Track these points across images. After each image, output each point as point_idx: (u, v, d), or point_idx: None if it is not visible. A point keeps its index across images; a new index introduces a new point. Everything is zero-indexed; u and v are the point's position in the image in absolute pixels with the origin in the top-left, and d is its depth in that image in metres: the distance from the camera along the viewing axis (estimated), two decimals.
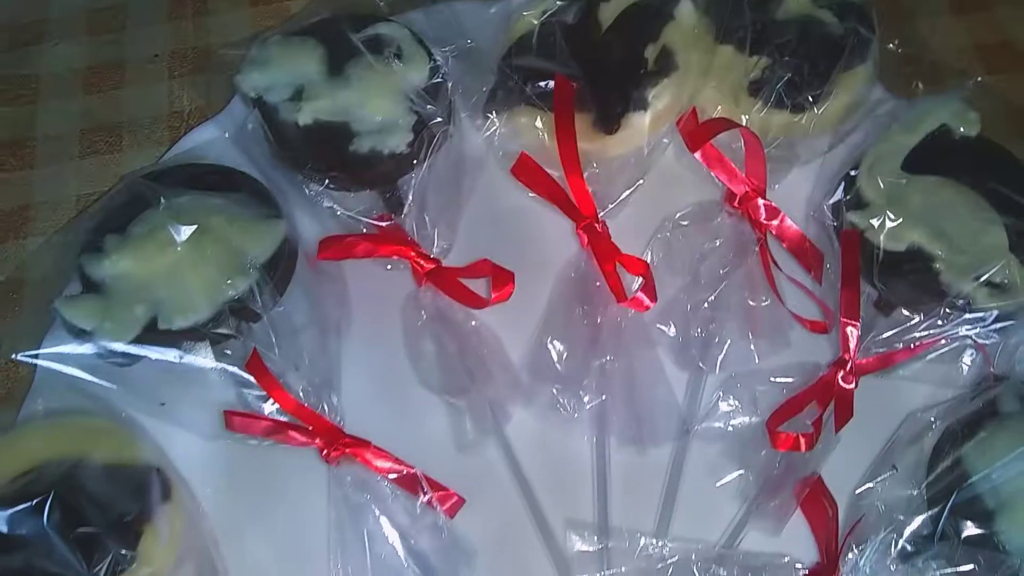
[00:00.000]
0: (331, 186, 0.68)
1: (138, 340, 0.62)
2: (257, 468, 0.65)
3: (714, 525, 0.62)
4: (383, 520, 0.60)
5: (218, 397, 0.63)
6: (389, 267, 0.69)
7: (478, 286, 0.67)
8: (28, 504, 0.55)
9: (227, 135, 0.73)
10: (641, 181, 0.68)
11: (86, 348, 0.63)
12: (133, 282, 0.63)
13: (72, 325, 0.63)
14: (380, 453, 0.61)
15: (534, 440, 0.64)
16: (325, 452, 0.61)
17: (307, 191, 0.69)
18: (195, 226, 0.63)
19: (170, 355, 0.62)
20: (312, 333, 0.65)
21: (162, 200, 0.64)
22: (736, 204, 0.68)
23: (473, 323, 0.66)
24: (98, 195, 0.78)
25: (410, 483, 0.61)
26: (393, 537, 0.60)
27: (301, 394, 0.62)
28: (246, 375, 0.62)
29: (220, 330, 0.62)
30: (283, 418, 0.62)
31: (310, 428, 0.61)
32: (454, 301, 0.66)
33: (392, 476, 0.61)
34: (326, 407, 0.62)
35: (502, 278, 0.64)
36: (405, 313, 0.68)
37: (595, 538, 0.61)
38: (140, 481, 0.59)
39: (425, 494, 0.61)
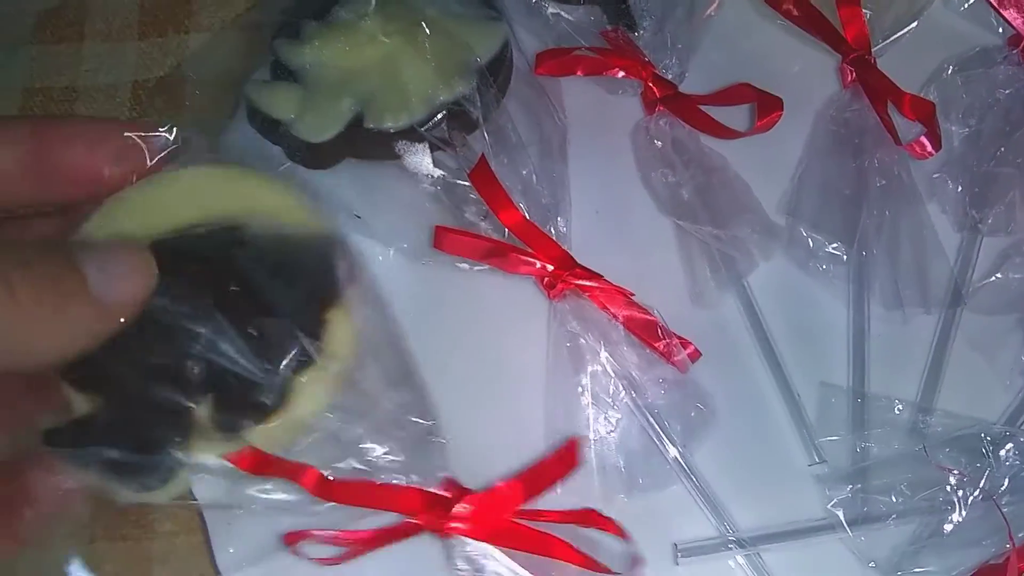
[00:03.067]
0: None
1: (341, 139, 0.54)
2: (463, 295, 0.56)
3: (987, 406, 0.54)
4: (610, 366, 0.52)
5: (421, 218, 0.55)
6: (620, 91, 0.60)
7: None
8: (186, 272, 0.40)
9: None
10: (915, 23, 0.59)
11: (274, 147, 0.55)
12: (337, 73, 0.55)
13: (263, 115, 0.54)
14: (614, 290, 0.53)
15: (781, 295, 0.56)
16: (548, 281, 0.53)
17: None
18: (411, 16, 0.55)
19: (377, 158, 0.54)
20: (535, 151, 0.56)
21: None
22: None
23: (717, 159, 0.58)
24: None
25: (646, 329, 0.53)
26: (620, 386, 0.52)
27: (526, 215, 0.54)
28: (464, 186, 0.54)
29: (434, 134, 0.54)
30: None
31: (535, 253, 0.53)
32: (695, 131, 0.58)
33: (624, 316, 0.53)
34: (552, 232, 0.54)
35: (768, 103, 0.55)
36: (636, 141, 0.59)
37: (850, 401, 0.53)
38: (324, 255, 0.44)
39: (662, 341, 0.53)
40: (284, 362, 0.41)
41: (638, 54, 0.59)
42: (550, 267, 0.53)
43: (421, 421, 0.46)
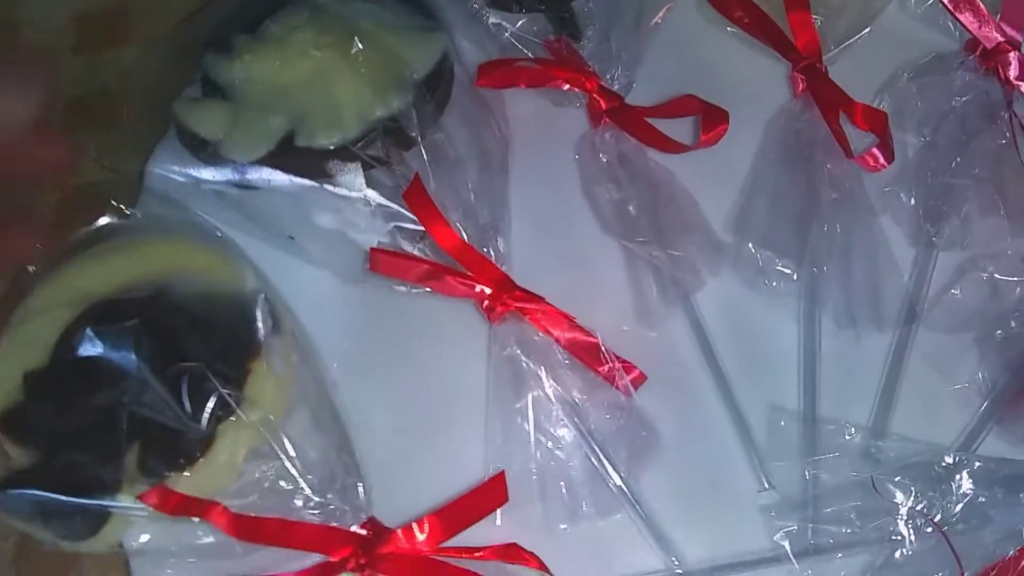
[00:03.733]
0: (497, 2, 0.58)
1: (271, 158, 0.52)
2: (401, 319, 0.54)
3: (942, 427, 0.52)
4: (552, 391, 0.50)
5: (356, 239, 0.53)
6: (565, 103, 0.58)
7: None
8: (112, 330, 0.45)
9: None
10: (868, 29, 0.57)
11: (204, 166, 0.53)
12: (268, 89, 0.53)
13: (192, 134, 0.53)
14: (556, 313, 0.51)
15: (730, 314, 0.54)
16: (488, 304, 0.51)
17: (469, 5, 0.58)
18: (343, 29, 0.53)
19: (309, 178, 0.52)
20: (474, 167, 0.54)
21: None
22: (982, 58, 0.57)
23: (663, 174, 0.56)
24: None
25: (589, 352, 0.51)
26: (563, 411, 0.50)
27: (463, 236, 0.52)
28: (398, 208, 0.52)
29: (368, 153, 0.52)
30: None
31: (473, 275, 0.51)
32: (641, 145, 0.56)
33: (567, 339, 0.51)
34: (492, 253, 0.52)
35: (713, 116, 0.53)
36: (581, 155, 0.57)
37: (800, 425, 0.51)
38: (245, 308, 0.48)
39: (605, 365, 0.51)
40: (205, 411, 0.44)
41: (583, 65, 0.57)
42: (488, 290, 0.51)
43: (345, 461, 0.46)
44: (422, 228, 0.51)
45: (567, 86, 0.57)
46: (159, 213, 0.53)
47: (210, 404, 0.44)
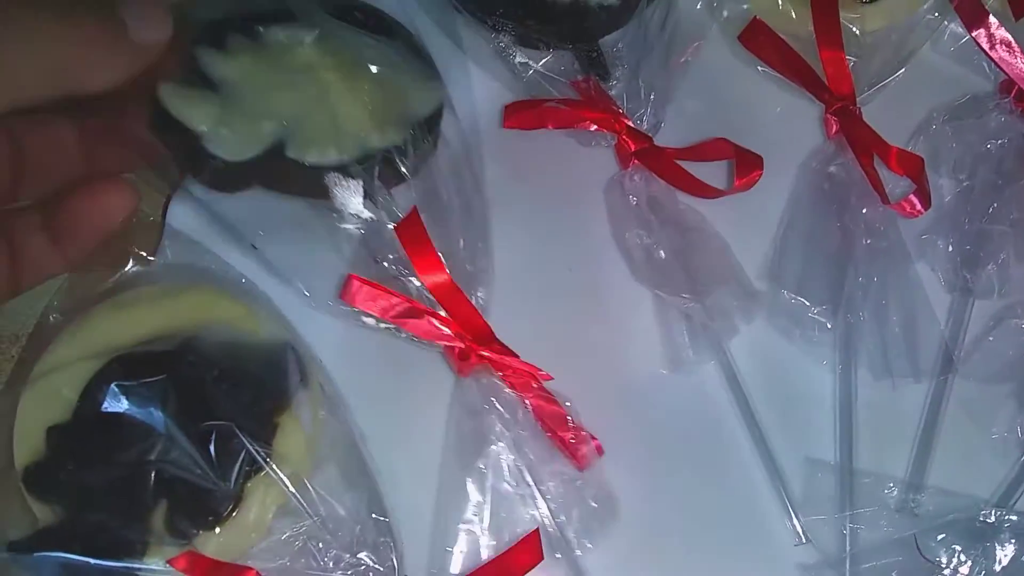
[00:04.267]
0: (522, 40, 0.56)
1: (257, 163, 0.48)
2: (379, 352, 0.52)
3: (980, 480, 0.51)
4: (512, 453, 0.49)
5: (327, 261, 0.51)
6: (593, 143, 0.57)
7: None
8: (137, 386, 0.44)
9: None
10: (903, 69, 0.57)
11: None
12: (263, 95, 0.50)
13: (176, 123, 0.48)
14: (527, 372, 0.49)
15: (764, 362, 0.53)
16: (460, 353, 0.49)
17: (494, 44, 0.57)
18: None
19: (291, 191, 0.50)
20: (460, 215, 0.52)
21: (315, 15, 0.51)
22: (1017, 99, 0.56)
23: (694, 218, 0.55)
24: None
25: (554, 418, 0.49)
26: (522, 473, 0.49)
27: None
28: (383, 237, 0.49)
29: (362, 179, 0.49)
30: None
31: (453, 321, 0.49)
32: (672, 188, 0.55)
33: (534, 402, 0.49)
34: (473, 300, 0.50)
35: (748, 161, 0.52)
36: (610, 197, 0.56)
37: (837, 479, 0.50)
38: (273, 360, 0.47)
39: (569, 432, 0.49)
40: (233, 468, 0.43)
41: (611, 105, 0.56)
42: (463, 341, 0.49)
43: (376, 520, 0.44)
44: (402, 264, 0.49)
45: (595, 127, 0.56)
46: (182, 260, 0.51)
47: (239, 461, 0.43)
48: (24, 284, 0.49)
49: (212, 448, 0.43)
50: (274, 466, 0.43)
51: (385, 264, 0.50)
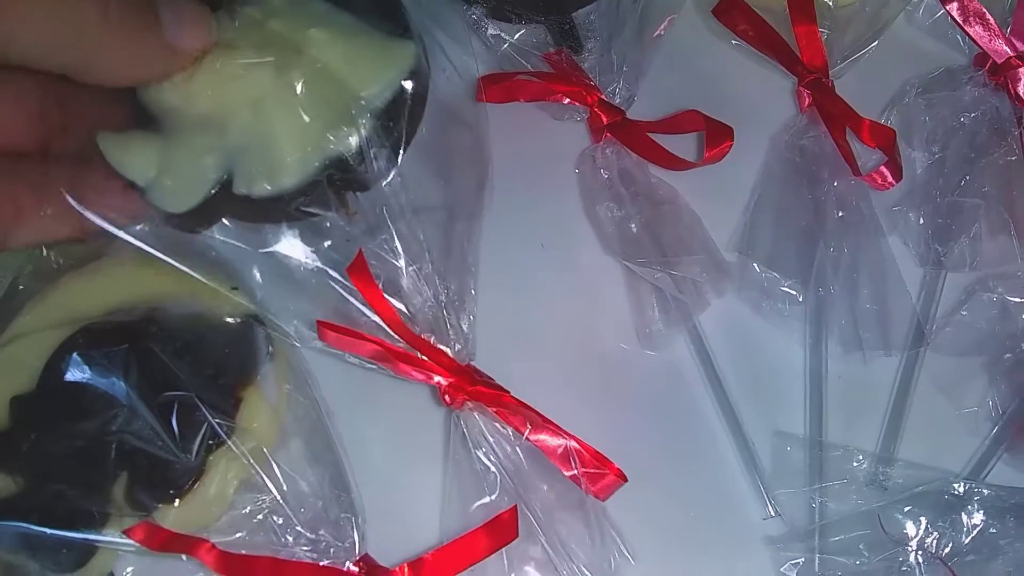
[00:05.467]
0: (496, 11, 0.56)
1: (208, 203, 0.42)
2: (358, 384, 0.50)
3: (950, 453, 0.51)
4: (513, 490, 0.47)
5: (304, 297, 0.46)
6: (567, 117, 0.56)
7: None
8: (100, 356, 0.43)
9: None
10: (876, 42, 0.56)
11: None
12: (201, 119, 0.42)
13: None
14: (520, 407, 0.47)
15: (735, 336, 0.53)
16: (444, 392, 0.47)
17: (467, 16, 0.56)
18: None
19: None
20: (441, 217, 0.49)
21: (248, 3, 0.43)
22: (991, 73, 0.55)
23: (666, 191, 0.54)
24: None
25: (557, 453, 0.47)
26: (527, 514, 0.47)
27: (426, 308, 0.47)
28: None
29: (311, 209, 0.42)
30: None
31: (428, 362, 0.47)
32: (644, 161, 0.55)
33: (532, 438, 0.47)
34: (451, 331, 0.48)
35: (718, 132, 0.52)
36: (582, 170, 0.56)
37: (806, 452, 0.50)
38: (239, 334, 0.46)
39: (575, 468, 0.47)
40: (195, 441, 0.43)
41: (583, 78, 0.55)
42: (444, 380, 0.47)
43: (339, 495, 0.44)
44: None
45: (568, 100, 0.55)
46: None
47: (200, 434, 0.43)
48: (21, 240, 0.43)
49: (174, 420, 0.43)
50: (236, 439, 0.43)
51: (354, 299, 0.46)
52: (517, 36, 0.57)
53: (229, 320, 0.47)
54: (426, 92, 0.45)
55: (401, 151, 0.43)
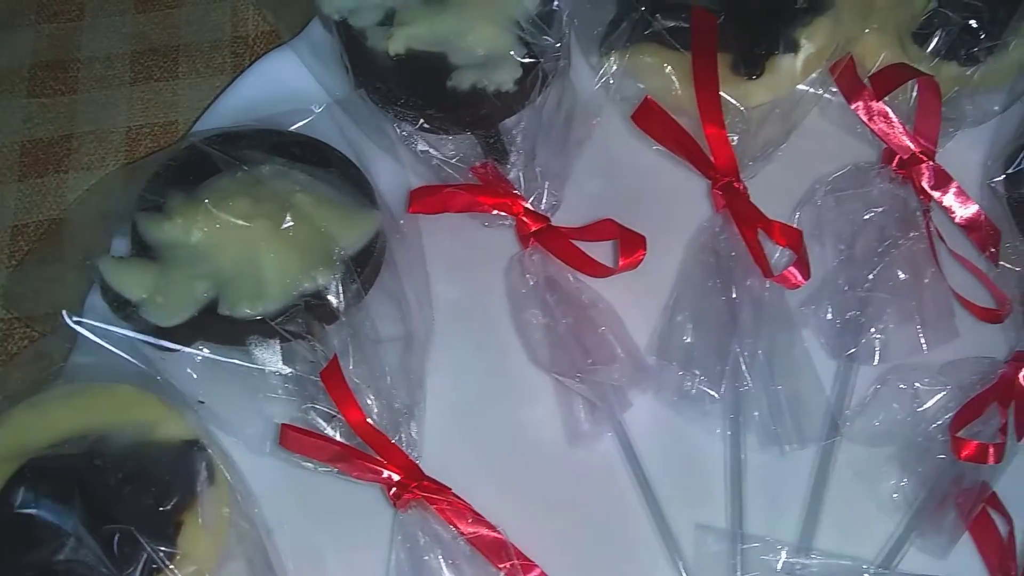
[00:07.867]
0: (424, 126, 0.59)
1: (193, 322, 0.52)
2: (311, 492, 0.55)
3: (866, 541, 0.53)
4: None
5: (271, 408, 0.53)
6: (497, 223, 0.59)
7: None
8: (48, 489, 0.46)
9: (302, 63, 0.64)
10: (785, 143, 0.59)
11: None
12: (196, 253, 0.53)
13: (114, 293, 0.53)
14: (460, 505, 0.51)
15: (658, 433, 0.56)
16: (394, 492, 0.51)
17: (396, 131, 0.60)
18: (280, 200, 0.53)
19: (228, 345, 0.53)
20: (396, 347, 0.55)
21: (243, 169, 0.54)
22: (898, 167, 0.58)
23: (589, 295, 0.57)
24: (150, 127, 0.69)
25: (492, 548, 0.50)
26: None
27: (376, 419, 0.52)
28: (315, 382, 0.52)
29: (289, 328, 0.52)
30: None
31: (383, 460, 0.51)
32: (567, 267, 0.57)
33: (470, 533, 0.51)
34: (403, 439, 0.53)
35: (631, 242, 0.55)
36: (510, 277, 0.58)
37: (727, 545, 0.52)
38: (179, 459, 0.49)
39: (507, 562, 0.50)
40: (136, 570, 0.45)
41: (509, 188, 0.58)
42: (396, 476, 0.51)
43: None
44: (335, 408, 0.51)
45: (495, 211, 0.58)
46: (97, 360, 0.54)
47: (141, 563, 0.45)
48: None
49: (115, 550, 0.45)
50: (173, 567, 0.46)
51: (316, 407, 0.52)
52: (445, 151, 0.60)
53: (170, 446, 0.50)
54: (384, 251, 0.56)
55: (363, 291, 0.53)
